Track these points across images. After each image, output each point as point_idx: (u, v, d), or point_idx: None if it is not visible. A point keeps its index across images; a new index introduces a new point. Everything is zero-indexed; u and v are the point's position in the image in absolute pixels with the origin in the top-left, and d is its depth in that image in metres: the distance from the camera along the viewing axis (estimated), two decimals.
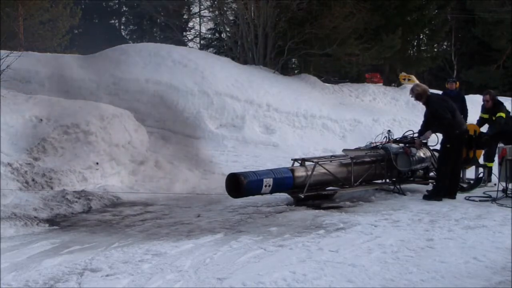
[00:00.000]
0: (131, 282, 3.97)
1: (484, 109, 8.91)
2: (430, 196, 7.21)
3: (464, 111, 9.07)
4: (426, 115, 7.77)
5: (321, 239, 5.15)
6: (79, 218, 6.27)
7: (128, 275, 4.09)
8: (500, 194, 7.16)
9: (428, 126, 7.67)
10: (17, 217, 5.88)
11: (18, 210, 6.15)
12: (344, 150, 8.21)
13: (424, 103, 7.48)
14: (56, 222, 6.01)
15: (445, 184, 7.25)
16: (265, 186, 6.56)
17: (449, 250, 4.75)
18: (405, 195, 7.55)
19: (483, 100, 8.95)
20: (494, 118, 8.59)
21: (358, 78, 20.74)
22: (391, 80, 21.10)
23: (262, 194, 6.71)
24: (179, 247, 4.84)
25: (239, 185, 6.38)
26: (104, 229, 5.72)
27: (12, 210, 6.11)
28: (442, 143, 7.37)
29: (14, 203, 6.36)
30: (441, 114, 7.21)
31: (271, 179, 6.61)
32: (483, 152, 8.44)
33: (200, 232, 5.46)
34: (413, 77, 19.64)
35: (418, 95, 7.41)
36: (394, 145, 7.93)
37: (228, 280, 3.97)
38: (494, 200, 7.00)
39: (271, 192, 6.78)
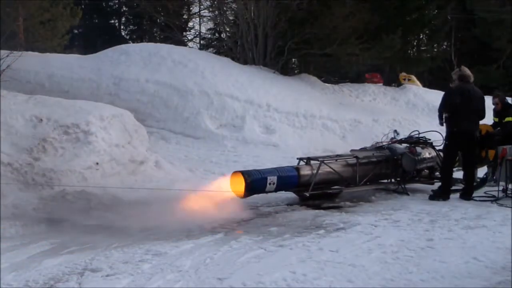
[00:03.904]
0: (131, 282, 3.97)
1: (495, 112, 8.59)
2: (434, 196, 7.19)
3: None
4: None
5: (321, 239, 5.15)
6: (79, 218, 6.26)
7: (128, 275, 4.09)
8: (500, 194, 7.16)
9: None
10: (17, 217, 5.88)
11: (18, 210, 6.15)
12: (351, 150, 8.25)
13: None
14: (56, 222, 6.01)
15: (448, 182, 7.22)
16: (270, 184, 6.57)
17: (449, 250, 4.75)
18: (408, 195, 7.57)
19: (493, 103, 8.66)
20: (503, 122, 8.30)
21: (358, 78, 20.75)
22: (391, 80, 21.11)
23: (266, 192, 6.72)
24: (179, 247, 4.84)
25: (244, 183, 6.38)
26: (104, 229, 5.71)
27: (12, 210, 6.10)
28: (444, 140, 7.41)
29: (14, 203, 6.35)
30: (440, 105, 7.25)
31: (276, 177, 6.61)
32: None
33: (200, 232, 5.46)
34: (413, 77, 19.66)
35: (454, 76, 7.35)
36: (398, 145, 7.98)
37: (228, 280, 3.97)
38: (494, 200, 7.00)
39: (276, 190, 6.79)
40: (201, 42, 30.47)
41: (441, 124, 8.58)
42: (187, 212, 6.32)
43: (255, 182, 6.44)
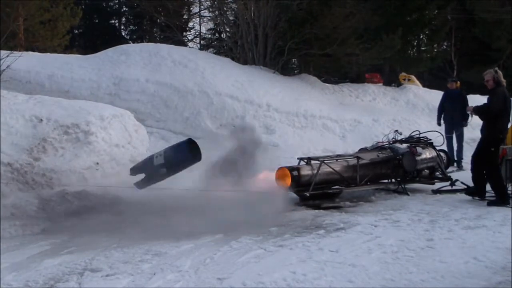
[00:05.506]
0: (131, 282, 3.97)
1: None
2: (497, 202, 6.93)
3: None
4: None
5: (321, 239, 5.15)
6: (79, 218, 6.26)
7: (128, 275, 4.09)
8: None
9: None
10: (16, 217, 5.88)
11: (17, 210, 6.15)
12: (356, 152, 8.25)
13: (490, 89, 7.20)
14: (56, 222, 6.00)
15: (504, 185, 7.08)
16: (156, 157, 6.68)
17: (449, 250, 4.75)
18: (408, 195, 7.57)
19: None
20: None
21: (358, 78, 20.73)
22: (391, 80, 21.09)
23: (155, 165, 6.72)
24: (179, 247, 4.84)
25: None
26: (104, 229, 5.71)
27: (12, 210, 6.11)
28: (485, 147, 7.17)
29: (14, 203, 6.35)
30: (494, 108, 7.01)
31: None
32: None
33: (200, 232, 5.46)
34: (413, 77, 19.63)
35: (494, 79, 7.12)
36: (399, 145, 8.00)
37: (228, 280, 3.97)
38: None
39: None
40: (201, 42, 30.49)
41: (439, 124, 8.58)
42: (187, 212, 6.32)
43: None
